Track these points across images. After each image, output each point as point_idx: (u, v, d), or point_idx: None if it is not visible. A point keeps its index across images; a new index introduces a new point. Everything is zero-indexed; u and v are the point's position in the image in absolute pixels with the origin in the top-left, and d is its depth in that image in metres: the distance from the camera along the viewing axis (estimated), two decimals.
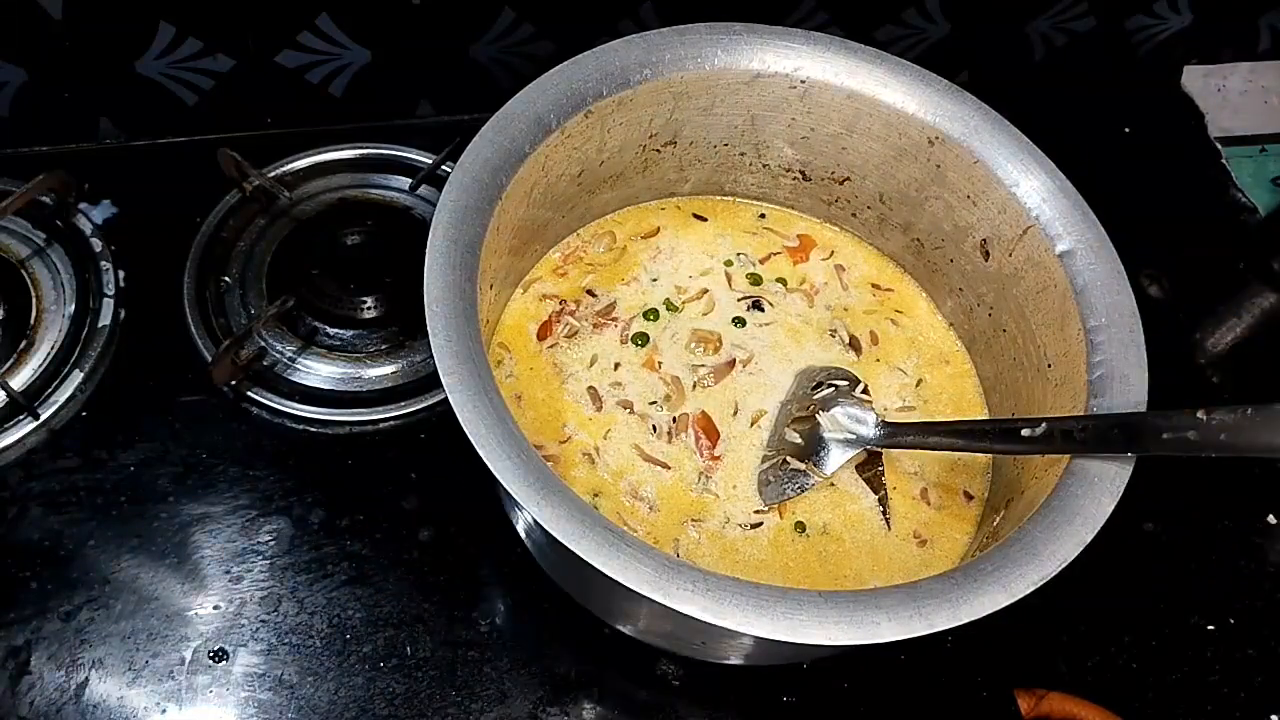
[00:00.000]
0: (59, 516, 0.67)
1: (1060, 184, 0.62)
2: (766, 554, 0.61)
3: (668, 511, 0.61)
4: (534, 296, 0.68)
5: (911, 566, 0.61)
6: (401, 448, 0.72)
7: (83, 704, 0.62)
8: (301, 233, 0.81)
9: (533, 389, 0.65)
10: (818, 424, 0.63)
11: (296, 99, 0.88)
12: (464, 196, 0.56)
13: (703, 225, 0.74)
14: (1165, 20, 1.00)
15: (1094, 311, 0.58)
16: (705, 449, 0.63)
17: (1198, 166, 0.96)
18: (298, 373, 0.75)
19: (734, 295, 0.70)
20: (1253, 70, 1.04)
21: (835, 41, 0.65)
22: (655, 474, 0.62)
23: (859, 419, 0.62)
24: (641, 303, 0.69)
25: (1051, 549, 0.49)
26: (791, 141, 0.69)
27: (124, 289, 0.77)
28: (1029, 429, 0.53)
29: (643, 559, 0.46)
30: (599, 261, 0.71)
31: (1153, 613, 0.71)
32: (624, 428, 0.64)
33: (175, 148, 0.85)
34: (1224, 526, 0.76)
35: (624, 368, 0.66)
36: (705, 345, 0.67)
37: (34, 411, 0.71)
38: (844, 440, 0.62)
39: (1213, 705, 0.68)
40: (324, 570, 0.67)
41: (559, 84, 0.61)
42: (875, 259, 0.74)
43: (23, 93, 0.83)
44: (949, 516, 0.63)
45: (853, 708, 0.65)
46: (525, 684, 0.64)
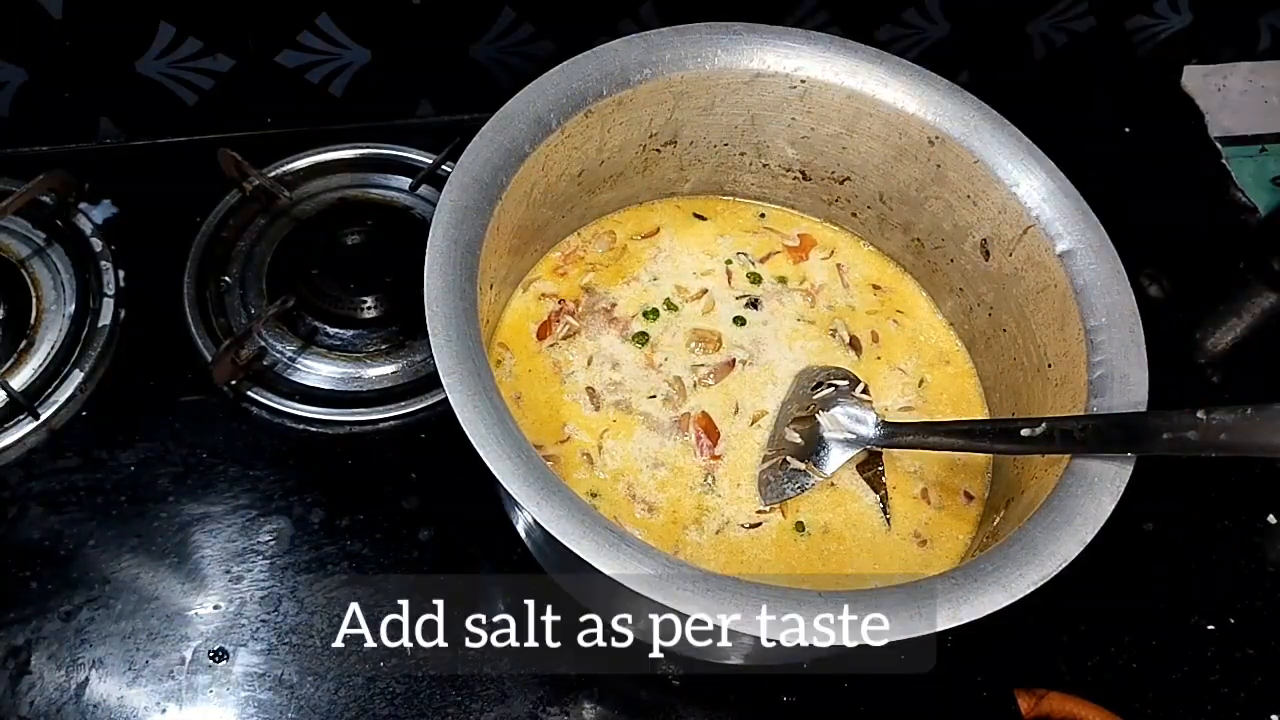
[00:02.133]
0: (59, 516, 0.67)
1: (1060, 184, 0.62)
2: (768, 554, 0.61)
3: (668, 512, 0.61)
4: (534, 296, 0.68)
5: (911, 566, 0.61)
6: (401, 448, 0.72)
7: (83, 704, 0.62)
8: (301, 233, 0.81)
9: (532, 389, 0.65)
10: (818, 424, 0.63)
11: (296, 99, 0.88)
12: (464, 196, 0.56)
13: (703, 225, 0.74)
14: (1165, 20, 1.00)
15: (1094, 311, 0.58)
16: (706, 448, 0.63)
17: (1198, 166, 0.96)
18: (298, 373, 0.75)
19: (734, 294, 0.70)
20: (1253, 70, 1.04)
21: (835, 41, 0.65)
22: (655, 474, 0.62)
23: (859, 419, 0.62)
24: (641, 302, 0.69)
25: (1051, 549, 0.49)
26: (791, 141, 0.69)
27: (124, 289, 0.77)
28: (1029, 429, 0.53)
29: (643, 559, 0.46)
30: (599, 261, 0.71)
31: (1153, 613, 0.71)
32: (623, 428, 0.64)
33: (175, 148, 0.85)
34: (1224, 526, 0.75)
35: (624, 367, 0.66)
36: (705, 345, 0.67)
37: (34, 411, 0.71)
38: (844, 440, 0.62)
39: (1213, 705, 0.68)
40: (324, 570, 0.67)
41: (559, 84, 0.61)
42: (875, 259, 0.74)
43: (23, 93, 0.83)
44: (949, 516, 0.63)
45: (853, 708, 0.65)
46: (525, 684, 0.64)
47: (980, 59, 0.98)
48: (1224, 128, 0.99)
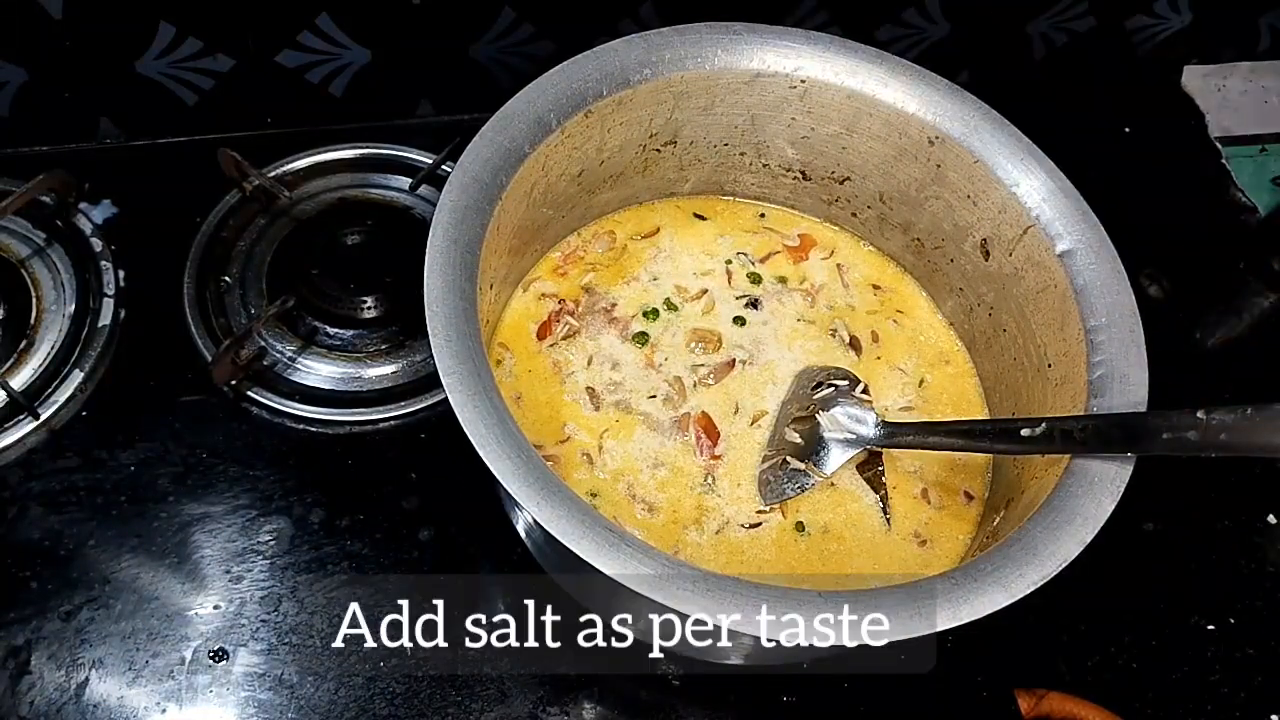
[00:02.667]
0: (59, 516, 0.67)
1: (1060, 184, 0.62)
2: (768, 554, 0.61)
3: (668, 511, 0.61)
4: (534, 296, 0.68)
5: (911, 566, 0.61)
6: (401, 448, 0.72)
7: (83, 704, 0.62)
8: (301, 233, 0.81)
9: (532, 389, 0.65)
10: (818, 424, 0.63)
11: (296, 99, 0.88)
12: (464, 196, 0.56)
13: (703, 225, 0.74)
14: (1165, 20, 1.00)
15: (1094, 311, 0.58)
16: (706, 448, 0.63)
17: (1198, 166, 0.96)
18: (298, 373, 0.75)
19: (734, 294, 0.70)
20: (1253, 70, 1.04)
21: (835, 41, 0.65)
22: (655, 474, 0.62)
23: (859, 419, 0.62)
24: (641, 302, 0.69)
25: (1051, 549, 0.49)
26: (791, 141, 0.69)
27: (124, 289, 0.77)
28: (1029, 429, 0.53)
29: (643, 559, 0.46)
30: (599, 261, 0.71)
31: (1153, 613, 0.71)
32: (623, 428, 0.64)
33: (175, 148, 0.85)
34: (1224, 526, 0.75)
35: (624, 367, 0.66)
36: (705, 344, 0.67)
37: (34, 411, 0.71)
38: (844, 440, 0.62)
39: (1213, 705, 0.68)
40: (324, 570, 0.67)
41: (559, 84, 0.61)
42: (875, 259, 0.74)
43: (23, 93, 0.83)
44: (949, 516, 0.63)
45: (853, 708, 0.65)
46: (525, 684, 0.64)
47: (980, 59, 0.98)
48: (1224, 128, 0.99)
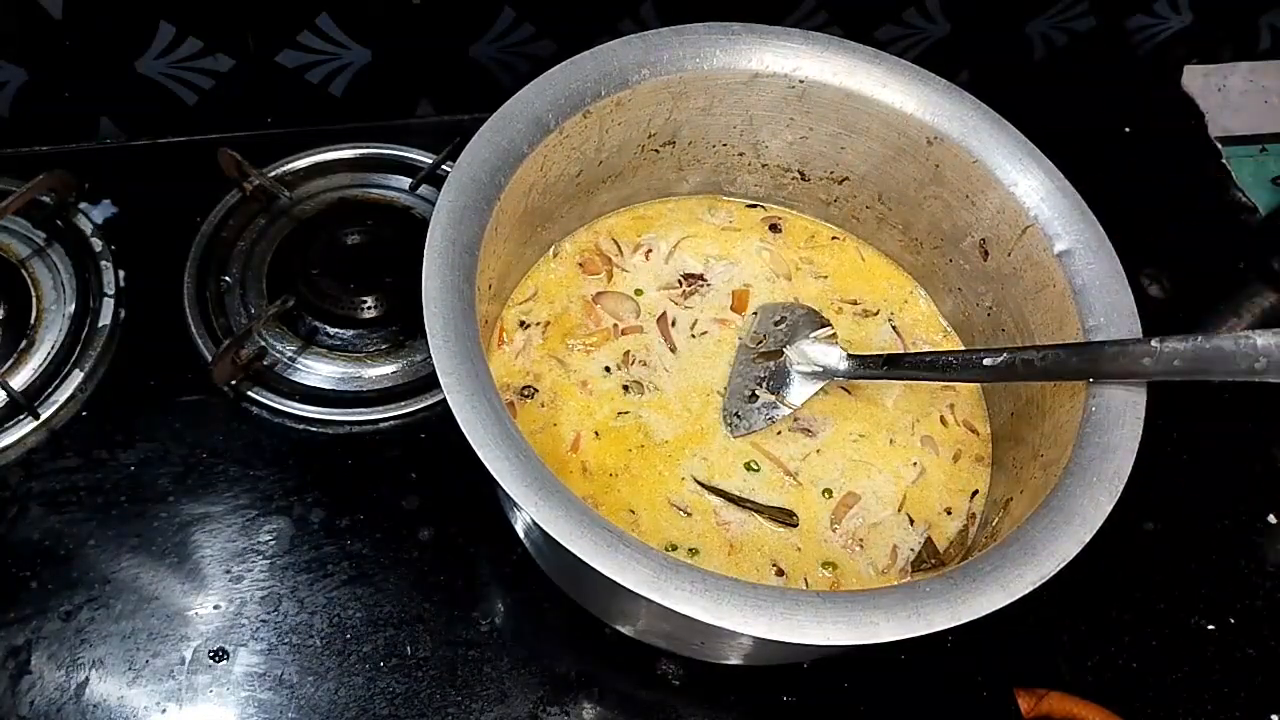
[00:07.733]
0: (59, 516, 0.67)
1: (1059, 184, 0.62)
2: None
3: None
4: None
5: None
6: (401, 448, 0.72)
7: (83, 704, 0.62)
8: (301, 233, 0.81)
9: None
10: (785, 356, 0.64)
11: (296, 99, 0.88)
12: (462, 196, 0.56)
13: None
14: (1165, 20, 1.00)
15: (1093, 311, 0.58)
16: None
17: (1198, 166, 0.96)
18: (298, 373, 0.75)
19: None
20: (1253, 70, 1.04)
21: (834, 41, 0.65)
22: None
23: (825, 353, 0.64)
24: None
25: (1050, 549, 0.49)
26: (790, 141, 0.69)
27: (124, 289, 0.77)
28: (990, 358, 0.56)
29: (641, 559, 0.46)
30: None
31: (1153, 613, 0.71)
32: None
33: (175, 148, 0.85)
34: (1224, 526, 0.75)
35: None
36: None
37: (34, 411, 0.71)
38: (811, 373, 0.64)
39: (1213, 705, 0.68)
40: (324, 570, 0.67)
41: (558, 84, 0.61)
42: (875, 258, 0.74)
43: (23, 93, 0.83)
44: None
45: (853, 708, 0.65)
46: (525, 684, 0.64)
47: (980, 59, 0.98)
48: (1224, 128, 0.99)
